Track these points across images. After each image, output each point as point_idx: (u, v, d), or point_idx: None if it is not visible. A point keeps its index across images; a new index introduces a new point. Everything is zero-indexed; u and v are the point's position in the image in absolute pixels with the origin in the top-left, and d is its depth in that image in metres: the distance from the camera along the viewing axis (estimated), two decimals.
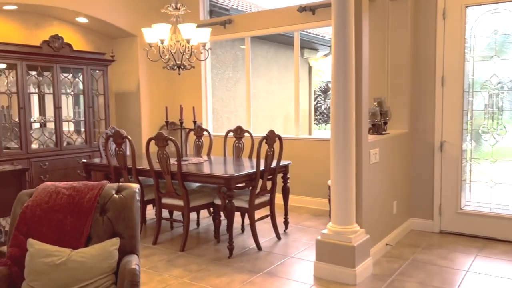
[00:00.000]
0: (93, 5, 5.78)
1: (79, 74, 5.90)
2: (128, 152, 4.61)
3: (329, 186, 4.79)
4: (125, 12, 6.20)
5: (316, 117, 13.09)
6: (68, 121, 5.93)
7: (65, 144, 5.78)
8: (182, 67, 4.51)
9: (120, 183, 2.62)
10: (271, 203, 4.33)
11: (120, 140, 4.33)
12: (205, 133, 5.34)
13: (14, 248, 2.25)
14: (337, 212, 3.41)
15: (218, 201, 4.12)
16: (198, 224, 4.88)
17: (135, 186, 2.56)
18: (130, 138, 4.31)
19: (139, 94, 6.56)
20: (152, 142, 4.08)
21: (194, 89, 6.70)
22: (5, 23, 5.44)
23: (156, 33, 4.26)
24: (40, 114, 5.67)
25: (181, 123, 4.60)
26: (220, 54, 8.11)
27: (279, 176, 4.51)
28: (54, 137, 5.65)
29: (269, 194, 4.30)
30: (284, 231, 4.63)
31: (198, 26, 4.49)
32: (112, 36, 6.62)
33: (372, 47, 4.32)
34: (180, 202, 4.09)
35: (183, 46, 4.41)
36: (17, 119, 5.23)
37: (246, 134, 5.04)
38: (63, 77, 5.73)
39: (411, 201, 4.63)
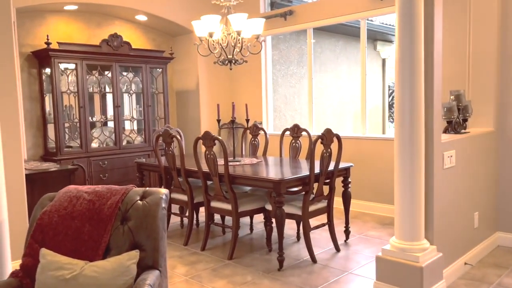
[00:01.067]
0: (151, 1, 5.70)
1: (139, 72, 5.86)
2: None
3: None
4: (183, 8, 6.06)
5: (391, 114, 12.24)
6: (127, 120, 5.92)
7: (124, 143, 5.77)
8: (234, 61, 4.21)
9: (147, 188, 2.37)
10: (328, 210, 3.89)
11: (169, 140, 4.14)
12: (261, 132, 5.01)
13: (28, 258, 2.08)
14: (402, 226, 2.90)
15: (269, 206, 3.78)
16: (251, 229, 4.57)
17: (162, 192, 2.30)
18: (178, 137, 4.10)
19: (198, 92, 6.40)
20: (202, 142, 3.83)
21: (254, 86, 6.41)
22: (69, 23, 5.54)
23: (205, 26, 4.00)
24: (101, 113, 5.70)
25: (232, 121, 4.31)
26: (284, 49, 7.75)
27: (339, 180, 4.06)
28: (113, 136, 5.65)
29: (326, 200, 3.87)
30: (345, 241, 4.16)
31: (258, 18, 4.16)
32: (172, 33, 6.53)
33: (448, 31, 3.71)
34: (228, 206, 3.80)
35: (234, 38, 4.11)
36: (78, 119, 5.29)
37: (304, 133, 4.63)
38: (122, 75, 5.73)
39: (498, 212, 3.93)
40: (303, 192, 3.64)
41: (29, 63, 5.22)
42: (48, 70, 5.16)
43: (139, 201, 2.26)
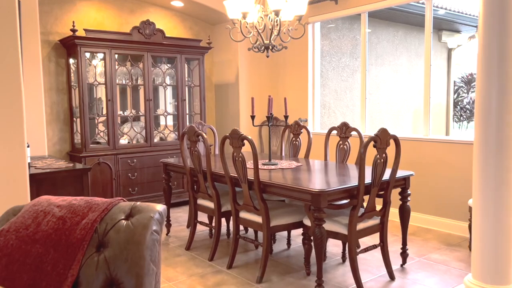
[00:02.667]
0: None
1: (173, 63, 5.38)
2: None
3: (470, 207, 3.45)
4: None
5: (456, 113, 11.07)
6: (159, 115, 5.47)
7: (156, 140, 5.33)
8: (271, 47, 3.59)
9: (138, 203, 1.81)
10: (381, 228, 3.17)
11: (195, 138, 3.60)
12: (304, 130, 4.34)
13: None
14: (482, 262, 2.16)
15: (308, 221, 3.13)
16: (288, 244, 3.93)
17: (156, 210, 1.72)
18: (204, 135, 3.54)
19: (238, 86, 5.83)
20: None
21: (299, 79, 5.74)
22: (99, 10, 5.15)
23: (238, 5, 3.41)
24: (132, 108, 5.29)
25: (268, 118, 3.69)
26: (335, 38, 7.00)
27: (396, 191, 3.33)
28: (144, 132, 5.21)
29: (379, 217, 3.16)
30: (401, 265, 3.43)
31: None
32: (210, 21, 6.00)
33: None
34: (258, 219, 3.19)
35: (271, 20, 3.49)
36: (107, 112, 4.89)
37: (354, 133, 3.92)
38: (155, 66, 5.27)
39: None
40: (350, 207, 2.96)
41: (57, 53, 4.88)
42: (75, 60, 4.80)
43: (123, 221, 1.70)
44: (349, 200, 2.99)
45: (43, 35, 4.76)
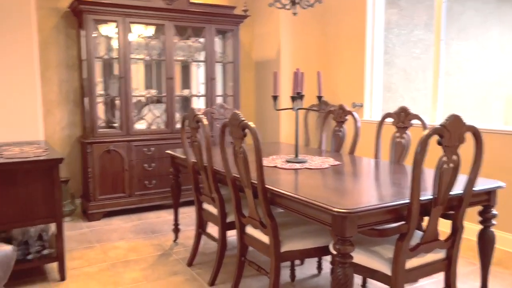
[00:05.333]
0: None
1: (200, 35, 4.55)
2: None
3: None
4: None
5: None
6: (185, 96, 4.68)
7: (179, 125, 4.55)
8: (298, 0, 2.59)
9: None
10: (448, 266, 2.10)
11: (194, 124, 2.73)
12: (349, 117, 3.30)
13: None
14: None
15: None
16: (319, 268, 2.96)
17: None
18: (205, 121, 2.65)
19: (279, 63, 4.86)
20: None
21: (354, 55, 4.64)
22: None
23: None
24: (147, 87, 4.55)
25: (294, 97, 2.72)
26: (406, 7, 5.73)
27: (474, 209, 2.23)
28: (164, 116, 4.46)
29: (444, 250, 2.08)
30: None
31: None
32: None
33: None
34: (265, 239, 2.27)
35: None
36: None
37: (415, 122, 2.82)
38: (179, 39, 4.47)
39: None
40: (397, 234, 1.93)
41: (67, 22, 4.25)
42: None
43: None
44: (396, 223, 1.95)
45: (51, 1, 4.14)
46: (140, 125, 4.37)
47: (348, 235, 1.76)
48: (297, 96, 2.74)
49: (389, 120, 3.02)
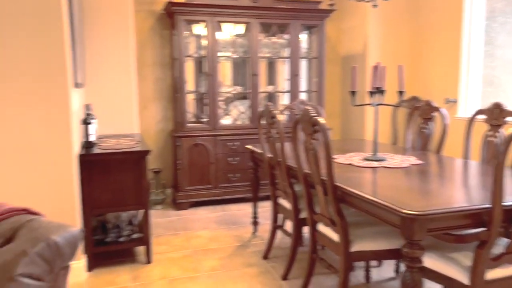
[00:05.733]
0: None
1: (285, 31, 4.58)
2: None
3: None
4: None
5: None
6: (269, 92, 4.76)
7: (264, 121, 4.62)
8: None
9: (38, 219, 1.13)
10: None
11: (270, 121, 2.78)
12: (436, 113, 3.10)
13: None
14: None
15: None
16: (397, 270, 2.83)
17: (47, 237, 1.03)
18: (280, 116, 2.68)
19: (366, 57, 4.71)
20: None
21: (448, 46, 4.32)
22: None
23: None
24: (234, 84, 4.69)
25: (373, 92, 2.62)
26: None
27: None
28: (249, 112, 4.57)
29: None
30: None
31: None
32: None
33: None
34: (336, 237, 2.24)
35: None
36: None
37: (511, 119, 2.56)
38: (265, 36, 4.55)
39: None
40: (477, 241, 1.79)
41: (161, 24, 4.55)
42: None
43: None
44: (477, 229, 1.81)
45: (147, 4, 4.47)
46: (226, 121, 4.54)
47: (417, 238, 1.67)
48: (376, 91, 2.64)
49: (482, 117, 2.78)
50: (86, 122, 3.00)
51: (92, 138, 3.02)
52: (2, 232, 1.09)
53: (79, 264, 2.78)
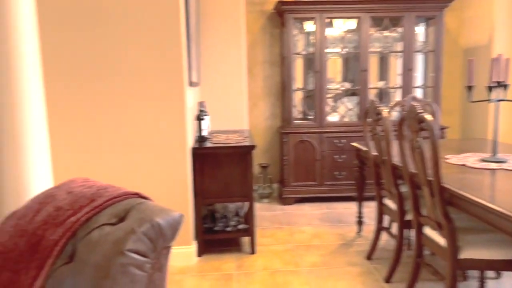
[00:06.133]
0: None
1: (398, 24, 4.37)
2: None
3: None
4: None
5: None
6: (377, 88, 4.59)
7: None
8: None
9: (146, 203, 1.27)
10: None
11: (375, 117, 2.70)
12: None
13: None
14: None
15: None
16: None
17: (151, 219, 1.16)
18: (385, 113, 2.58)
19: (490, 49, 4.27)
20: None
21: None
22: None
23: None
24: (343, 80, 4.62)
25: (492, 87, 2.39)
26: None
27: None
28: (357, 109, 4.47)
29: None
30: None
31: None
32: None
33: None
34: (443, 242, 2.10)
35: None
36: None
37: None
38: (375, 30, 4.40)
39: None
40: None
41: (272, 23, 4.67)
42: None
43: (103, 227, 1.21)
44: None
45: (259, 5, 4.62)
46: (332, 117, 4.50)
47: None
48: (496, 86, 2.40)
49: None
50: (199, 118, 3.22)
51: (204, 133, 3.23)
52: (117, 212, 1.25)
53: (190, 249, 3.01)
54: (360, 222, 3.51)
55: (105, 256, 1.11)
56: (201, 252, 3.13)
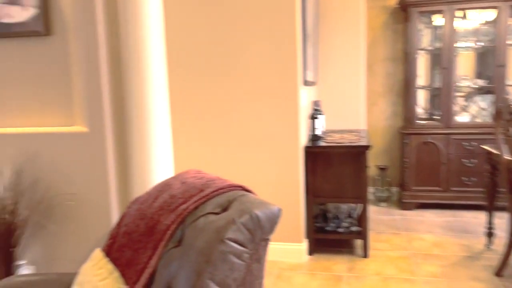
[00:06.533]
0: None
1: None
2: None
3: None
4: None
5: None
6: None
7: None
8: None
9: (247, 195, 1.32)
10: None
11: (509, 117, 2.40)
12: None
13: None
14: None
15: None
16: None
17: (250, 210, 1.21)
18: None
19: None
20: None
21: None
22: None
23: None
24: (476, 77, 4.19)
25: None
26: None
27: None
28: (493, 108, 4.03)
29: None
30: None
31: None
32: None
33: None
34: None
35: None
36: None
37: None
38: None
39: None
40: None
41: (394, 18, 4.45)
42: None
43: (209, 216, 1.29)
44: None
45: (381, 1, 4.45)
46: (462, 118, 4.12)
47: None
48: None
49: None
50: (313, 117, 3.23)
51: (318, 132, 3.23)
52: (221, 203, 1.33)
53: (301, 246, 3.03)
54: (490, 234, 3.16)
55: (207, 243, 1.19)
56: (312, 251, 3.13)
